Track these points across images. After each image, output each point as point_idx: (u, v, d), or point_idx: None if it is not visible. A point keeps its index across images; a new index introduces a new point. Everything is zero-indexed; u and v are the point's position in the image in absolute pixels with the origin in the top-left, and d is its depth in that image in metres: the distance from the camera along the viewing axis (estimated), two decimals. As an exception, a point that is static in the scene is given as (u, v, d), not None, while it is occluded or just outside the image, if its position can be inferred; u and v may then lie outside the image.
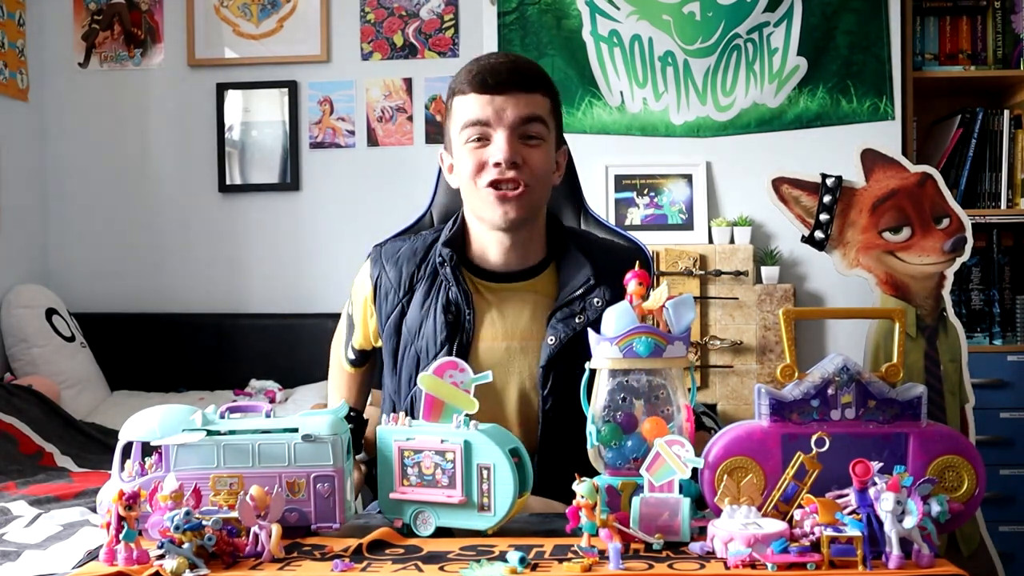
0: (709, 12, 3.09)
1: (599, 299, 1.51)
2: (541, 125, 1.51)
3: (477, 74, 1.50)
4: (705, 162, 3.14)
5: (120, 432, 1.27)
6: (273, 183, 3.56)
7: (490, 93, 1.48)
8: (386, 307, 1.59)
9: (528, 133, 1.50)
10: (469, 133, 1.50)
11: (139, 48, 3.61)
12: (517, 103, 1.48)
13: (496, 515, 1.20)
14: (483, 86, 1.49)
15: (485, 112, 1.48)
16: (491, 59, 1.54)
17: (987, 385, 2.93)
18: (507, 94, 1.48)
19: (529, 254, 1.58)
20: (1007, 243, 3.13)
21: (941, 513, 1.09)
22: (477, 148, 1.50)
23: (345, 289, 1.72)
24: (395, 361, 1.59)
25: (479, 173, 1.50)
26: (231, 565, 1.11)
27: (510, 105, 1.48)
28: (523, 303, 1.56)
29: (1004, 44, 3.20)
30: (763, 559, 1.04)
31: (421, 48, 3.51)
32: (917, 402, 1.18)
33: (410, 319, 1.56)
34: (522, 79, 1.50)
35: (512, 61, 1.53)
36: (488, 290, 1.57)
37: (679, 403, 1.24)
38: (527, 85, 1.50)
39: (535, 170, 1.50)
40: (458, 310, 1.53)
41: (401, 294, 1.58)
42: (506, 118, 1.48)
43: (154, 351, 3.50)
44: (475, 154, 1.50)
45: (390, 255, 1.62)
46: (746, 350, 3.02)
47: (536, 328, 1.54)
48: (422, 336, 1.54)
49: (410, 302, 1.57)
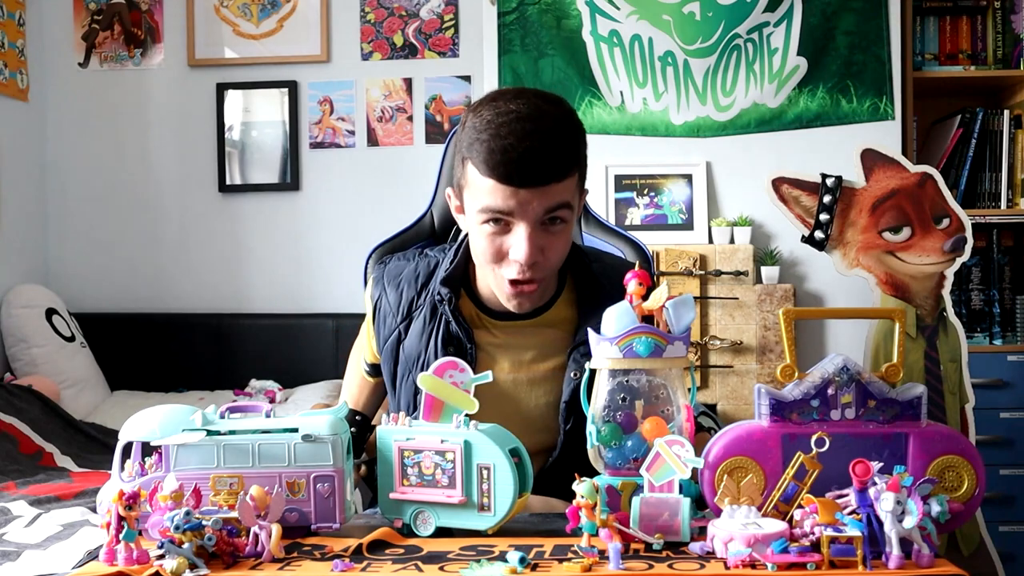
0: (709, 12, 3.09)
1: None
2: (567, 209, 1.37)
3: (500, 164, 1.31)
4: (705, 162, 3.15)
5: (120, 432, 1.27)
6: (273, 183, 3.57)
7: (515, 186, 1.32)
8: (384, 330, 1.54)
9: (552, 218, 1.36)
10: (486, 217, 1.36)
11: (139, 48, 3.61)
12: (544, 196, 1.33)
13: (496, 515, 1.20)
14: (507, 179, 1.31)
15: (507, 204, 1.33)
16: (515, 140, 1.31)
17: (987, 385, 2.93)
18: (533, 188, 1.32)
19: (541, 297, 1.49)
20: (1007, 243, 3.13)
21: (941, 513, 1.09)
22: (494, 234, 1.37)
23: (345, 289, 1.72)
24: (394, 385, 1.55)
25: (497, 262, 1.39)
26: (231, 565, 1.11)
27: (536, 198, 1.33)
28: (532, 336, 1.50)
29: (1004, 44, 3.20)
30: (763, 559, 1.04)
31: (421, 48, 3.51)
32: (917, 402, 1.18)
33: (408, 346, 1.51)
34: (554, 172, 1.33)
35: (543, 149, 1.31)
36: (494, 325, 1.50)
37: (679, 403, 1.24)
38: (558, 176, 1.34)
39: (554, 259, 1.40)
40: (460, 343, 1.47)
41: (399, 319, 1.52)
42: (531, 211, 1.33)
43: (154, 351, 3.50)
44: (492, 240, 1.38)
45: (392, 276, 1.56)
46: (746, 350, 3.02)
47: (545, 360, 1.49)
48: (420, 366, 1.48)
49: (408, 328, 1.51)
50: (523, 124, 1.32)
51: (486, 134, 1.33)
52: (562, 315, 1.51)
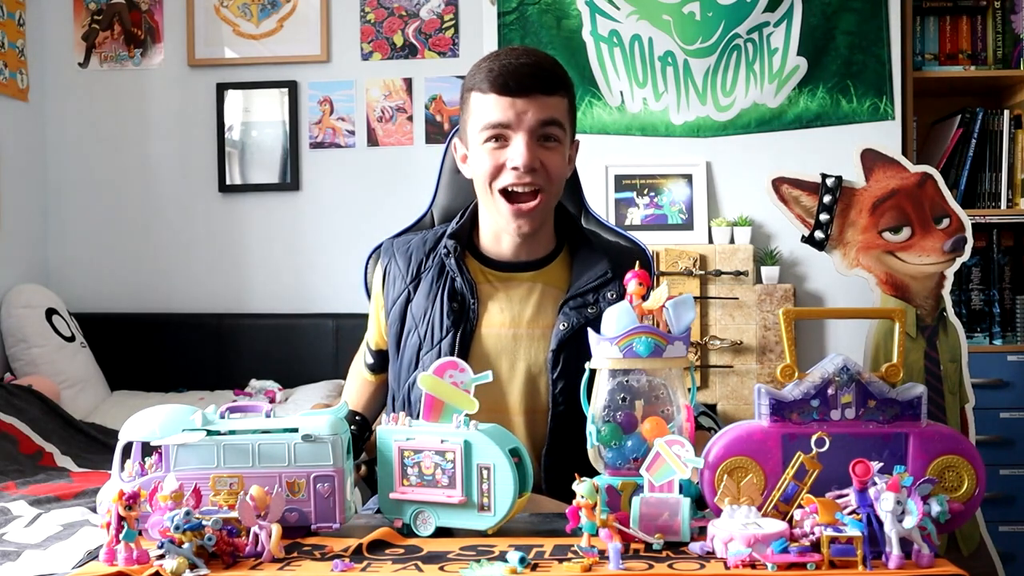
0: (709, 12, 3.09)
1: (613, 293, 1.53)
2: (559, 128, 1.52)
3: (499, 76, 1.49)
4: (705, 162, 3.14)
5: (120, 432, 1.27)
6: (273, 183, 3.57)
7: (511, 96, 1.48)
8: (393, 292, 1.61)
9: (547, 135, 1.51)
10: (488, 134, 1.51)
11: (139, 48, 3.61)
12: (538, 107, 1.49)
13: (496, 515, 1.20)
14: (504, 88, 1.48)
15: (506, 115, 1.49)
16: (513, 59, 1.51)
17: (987, 385, 2.93)
18: (528, 97, 1.48)
19: (539, 247, 1.61)
20: (1007, 243, 3.13)
21: (941, 513, 1.09)
22: (495, 149, 1.51)
23: (345, 289, 1.73)
24: (398, 346, 1.60)
25: (496, 176, 1.52)
26: (231, 565, 1.11)
27: (531, 108, 1.48)
28: (531, 292, 1.58)
29: (1004, 44, 3.20)
30: (763, 559, 1.04)
31: (421, 48, 3.51)
32: (917, 402, 1.18)
33: (415, 305, 1.58)
34: (544, 83, 1.50)
35: (534, 63, 1.51)
36: (496, 279, 1.60)
37: (679, 403, 1.24)
38: (548, 88, 1.50)
39: (552, 173, 1.52)
40: (463, 299, 1.55)
41: (408, 280, 1.60)
42: (526, 121, 1.49)
43: (154, 351, 3.50)
44: (493, 155, 1.51)
45: (400, 245, 1.65)
46: (746, 350, 3.02)
47: (543, 316, 1.57)
48: (427, 322, 1.56)
49: (416, 288, 1.59)
50: (518, 52, 1.53)
51: (486, 62, 1.52)
52: (559, 275, 1.61)
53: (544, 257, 1.61)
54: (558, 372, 1.52)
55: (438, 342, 1.53)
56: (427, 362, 1.51)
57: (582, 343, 1.40)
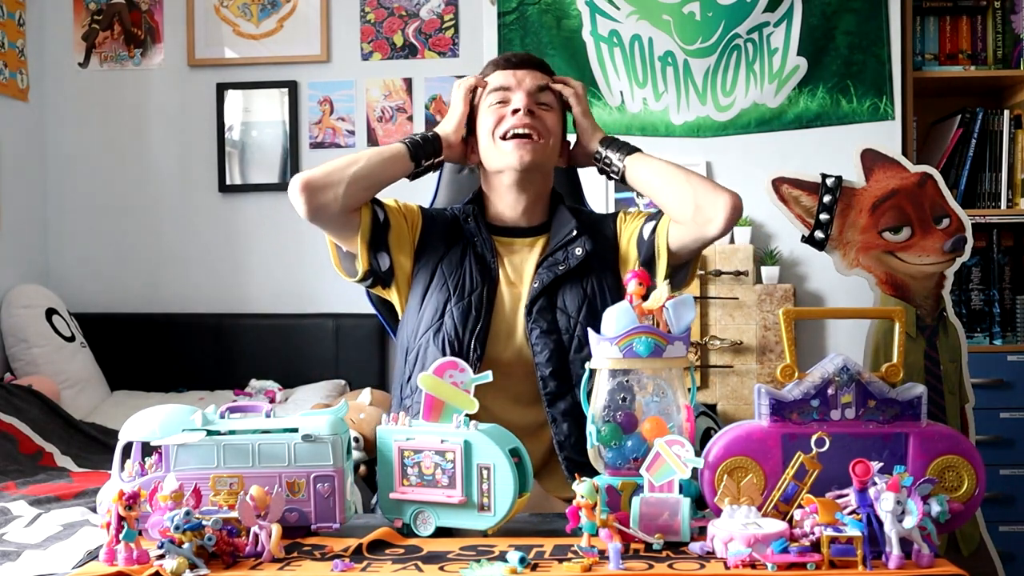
0: (709, 12, 3.08)
1: (580, 249, 1.71)
2: (552, 95, 1.79)
3: (503, 58, 1.84)
4: (705, 162, 3.14)
5: (120, 432, 1.27)
6: (273, 183, 3.56)
7: (512, 68, 1.80)
8: (433, 239, 1.77)
9: (540, 100, 1.76)
10: (493, 97, 1.77)
11: (139, 48, 3.61)
12: (533, 75, 1.78)
13: (496, 515, 1.20)
14: (506, 62, 1.82)
15: (508, 80, 1.77)
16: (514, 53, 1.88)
17: (987, 385, 2.93)
18: (525, 69, 1.79)
19: (534, 215, 1.79)
20: (1007, 243, 3.12)
21: (941, 513, 1.09)
22: (499, 106, 1.76)
23: (345, 289, 1.73)
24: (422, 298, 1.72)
25: (499, 124, 1.74)
26: (231, 565, 1.11)
27: (528, 76, 1.78)
28: (525, 256, 1.77)
29: (1004, 44, 3.20)
30: (763, 559, 1.04)
31: (421, 48, 3.51)
32: (917, 402, 1.18)
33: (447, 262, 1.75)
34: (537, 63, 1.82)
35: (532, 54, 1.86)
36: (500, 244, 1.78)
37: (679, 403, 1.24)
38: (541, 67, 1.82)
39: (547, 126, 1.75)
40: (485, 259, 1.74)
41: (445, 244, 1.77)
42: (524, 84, 1.77)
43: (154, 351, 3.50)
44: (497, 111, 1.76)
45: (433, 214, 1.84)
46: (746, 350, 3.02)
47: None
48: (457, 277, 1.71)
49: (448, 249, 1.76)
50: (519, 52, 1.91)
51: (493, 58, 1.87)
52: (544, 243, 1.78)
53: (537, 226, 1.80)
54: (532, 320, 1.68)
55: (468, 294, 1.69)
56: (455, 312, 1.67)
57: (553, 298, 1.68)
